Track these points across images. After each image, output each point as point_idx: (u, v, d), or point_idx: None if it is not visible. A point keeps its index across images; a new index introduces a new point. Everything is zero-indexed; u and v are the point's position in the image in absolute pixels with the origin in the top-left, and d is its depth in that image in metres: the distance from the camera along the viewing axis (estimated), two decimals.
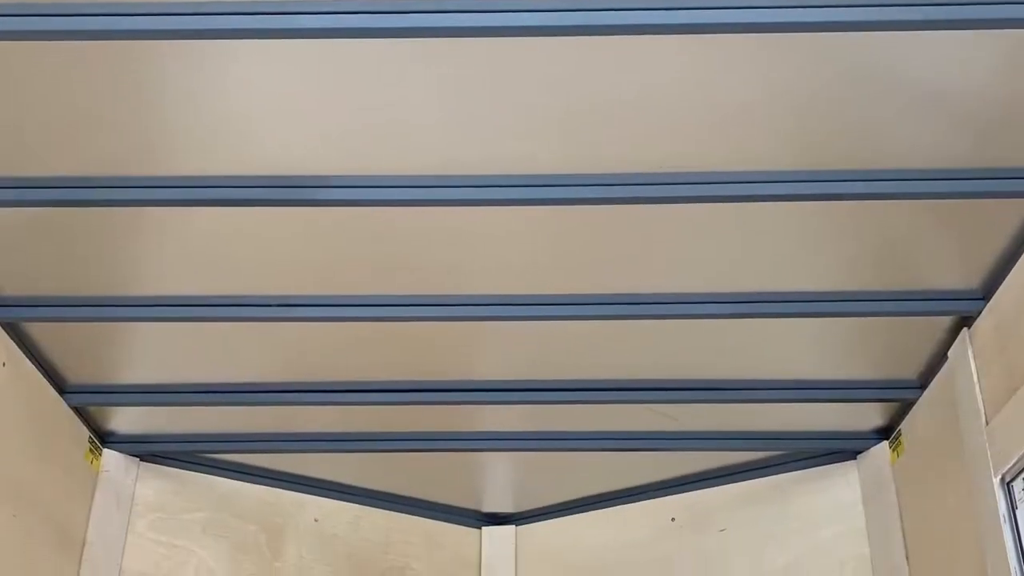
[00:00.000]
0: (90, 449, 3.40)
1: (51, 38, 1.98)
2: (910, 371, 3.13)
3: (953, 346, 2.87)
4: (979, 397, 2.71)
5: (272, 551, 3.75)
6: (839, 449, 3.57)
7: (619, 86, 2.14)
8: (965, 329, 2.81)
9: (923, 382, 3.14)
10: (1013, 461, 2.53)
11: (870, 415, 3.41)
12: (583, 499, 4.08)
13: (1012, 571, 2.51)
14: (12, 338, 2.90)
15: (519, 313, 2.80)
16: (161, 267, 2.70)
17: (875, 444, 3.48)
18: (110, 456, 3.50)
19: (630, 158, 2.32)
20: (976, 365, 2.75)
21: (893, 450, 3.39)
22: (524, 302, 2.79)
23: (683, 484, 3.88)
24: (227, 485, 3.74)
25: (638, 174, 2.35)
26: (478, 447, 3.60)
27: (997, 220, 2.48)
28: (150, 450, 3.58)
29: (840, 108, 2.19)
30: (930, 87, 2.13)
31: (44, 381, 3.10)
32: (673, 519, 3.87)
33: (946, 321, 2.86)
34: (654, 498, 3.93)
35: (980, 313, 2.73)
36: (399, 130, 2.25)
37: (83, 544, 3.33)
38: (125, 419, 3.44)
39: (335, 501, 3.93)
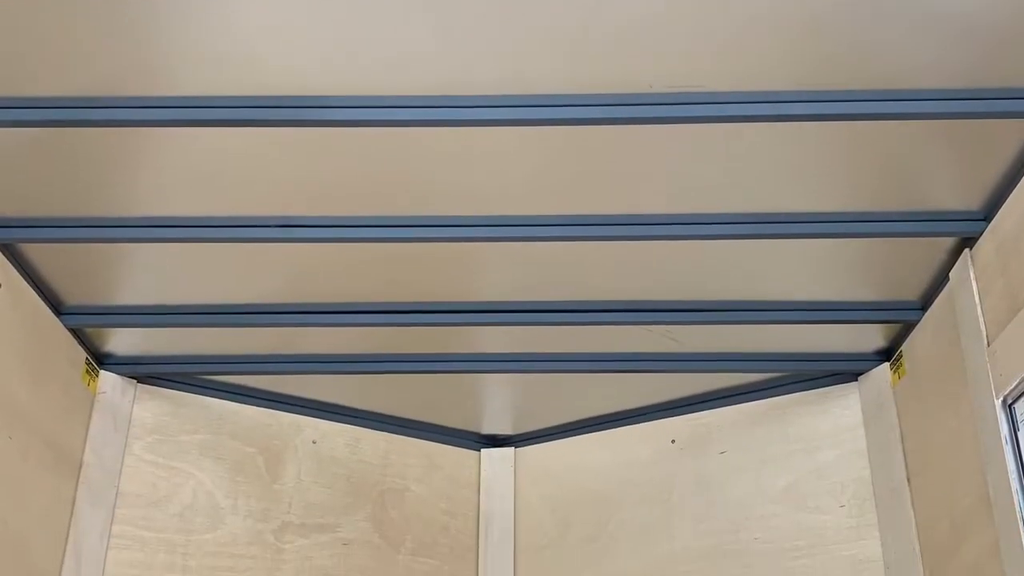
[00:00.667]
0: (87, 371, 3.44)
1: None
2: (911, 292, 3.17)
3: (954, 267, 2.91)
4: (980, 319, 2.75)
5: (270, 473, 3.80)
6: (840, 371, 3.61)
7: (623, 6, 2.17)
8: (967, 250, 2.84)
9: (924, 303, 3.18)
10: (1015, 383, 2.58)
11: (871, 336, 3.45)
12: (582, 421, 4.13)
13: (1014, 493, 2.56)
14: (9, 259, 2.94)
15: (519, 234, 2.84)
16: (160, 188, 2.73)
17: (876, 366, 3.52)
18: (107, 378, 3.54)
19: (632, 78, 2.36)
20: (977, 286, 2.79)
21: (894, 372, 3.43)
22: (524, 223, 2.83)
23: (683, 406, 3.92)
24: (225, 407, 3.78)
25: (640, 94, 2.39)
26: (478, 369, 3.64)
27: (999, 141, 2.52)
28: (148, 372, 3.62)
29: (842, 28, 2.22)
30: (933, 7, 2.16)
31: (41, 302, 3.14)
32: (673, 441, 3.92)
33: (947, 242, 2.90)
34: (654, 420, 3.98)
35: (982, 234, 2.77)
36: (400, 50, 2.29)
37: (80, 466, 3.38)
38: (122, 340, 3.47)
39: (334, 423, 3.98)
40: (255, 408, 3.85)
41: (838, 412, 3.62)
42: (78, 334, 3.36)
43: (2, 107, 2.39)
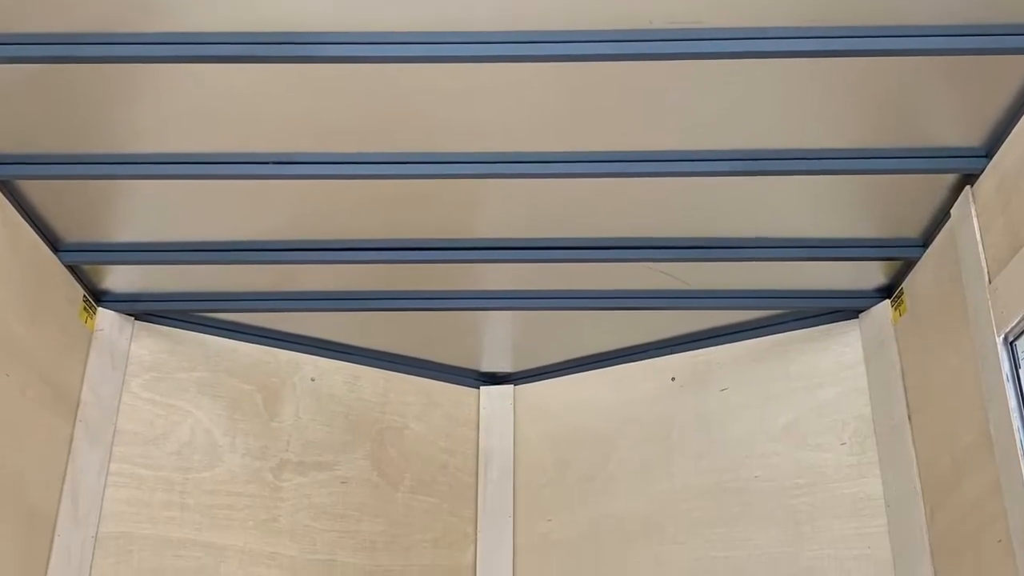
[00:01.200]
0: (84, 308, 3.48)
1: None
2: (912, 229, 3.21)
3: (955, 204, 2.95)
4: (982, 255, 2.79)
5: (268, 410, 3.86)
6: (841, 308, 3.64)
7: None
8: (968, 187, 2.88)
9: (925, 240, 3.22)
10: (1016, 320, 2.62)
11: (872, 274, 3.48)
12: (582, 358, 4.18)
13: (1015, 431, 2.61)
14: (6, 196, 2.98)
15: (519, 171, 2.88)
16: (158, 124, 2.77)
17: (877, 303, 3.56)
18: (105, 315, 3.58)
19: (632, 14, 2.40)
20: (979, 223, 2.82)
21: (895, 308, 3.47)
22: (525, 159, 2.86)
23: (684, 343, 3.97)
24: (223, 344, 3.83)
25: (640, 31, 2.42)
26: (477, 306, 3.68)
27: (1001, 77, 2.56)
28: (145, 309, 3.66)
29: None
30: None
31: (38, 239, 3.18)
32: (673, 378, 3.97)
33: (949, 179, 2.93)
34: (654, 357, 4.03)
35: (983, 171, 2.80)
36: None
37: (77, 404, 3.43)
38: (120, 277, 3.51)
39: (332, 360, 4.03)
40: (253, 345, 3.89)
41: (839, 350, 3.66)
42: (76, 271, 3.40)
43: (0, 43, 2.42)
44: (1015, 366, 2.67)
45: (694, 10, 2.38)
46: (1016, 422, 2.61)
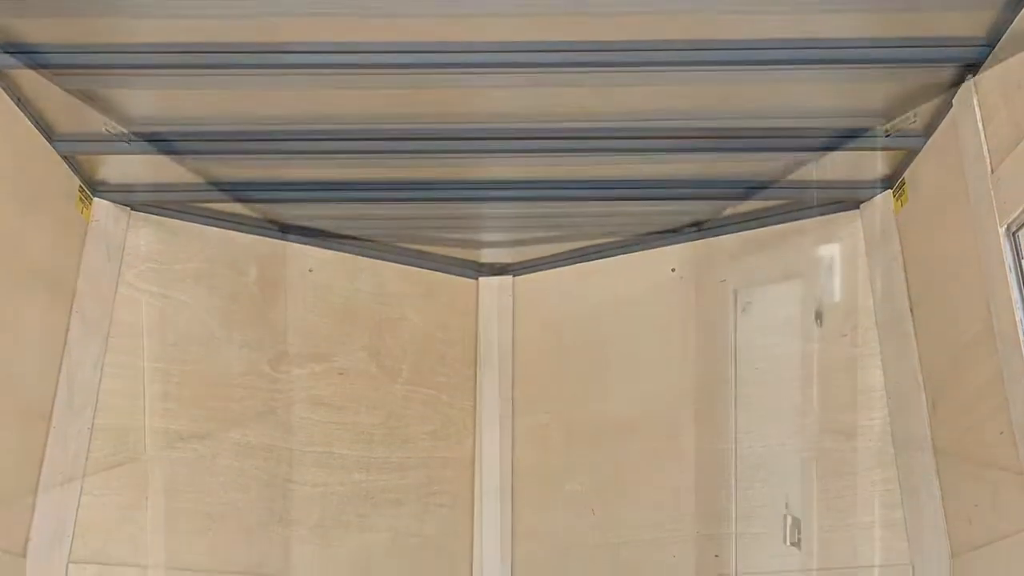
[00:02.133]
0: (80, 198, 3.52)
1: None
2: (914, 119, 3.24)
3: (958, 94, 2.98)
4: (984, 145, 2.84)
5: (266, 302, 3.92)
6: (842, 199, 3.68)
7: None
8: (970, 77, 2.91)
9: (927, 130, 3.25)
10: (1019, 211, 2.67)
11: (874, 164, 3.50)
12: (582, 249, 4.22)
13: (1018, 321, 2.68)
14: (0, 86, 3.00)
15: (520, 60, 2.91)
16: (154, 13, 2.77)
17: (879, 193, 3.59)
18: (101, 205, 3.60)
19: None
20: (981, 113, 2.86)
21: (897, 199, 3.51)
22: (526, 49, 2.88)
23: (684, 234, 4.01)
24: (221, 235, 3.85)
25: None
26: (477, 196, 3.72)
27: None
28: (142, 199, 3.68)
29: None
30: None
31: (33, 129, 3.20)
32: (673, 269, 4.03)
33: (951, 69, 2.95)
34: (655, 248, 4.08)
35: (985, 61, 2.83)
36: None
37: (73, 295, 3.48)
38: (117, 168, 3.54)
39: (331, 251, 4.07)
40: (251, 236, 3.92)
41: (840, 241, 3.70)
42: (71, 161, 3.43)
43: None
44: (1018, 256, 2.72)
45: None
46: (1019, 313, 2.68)
